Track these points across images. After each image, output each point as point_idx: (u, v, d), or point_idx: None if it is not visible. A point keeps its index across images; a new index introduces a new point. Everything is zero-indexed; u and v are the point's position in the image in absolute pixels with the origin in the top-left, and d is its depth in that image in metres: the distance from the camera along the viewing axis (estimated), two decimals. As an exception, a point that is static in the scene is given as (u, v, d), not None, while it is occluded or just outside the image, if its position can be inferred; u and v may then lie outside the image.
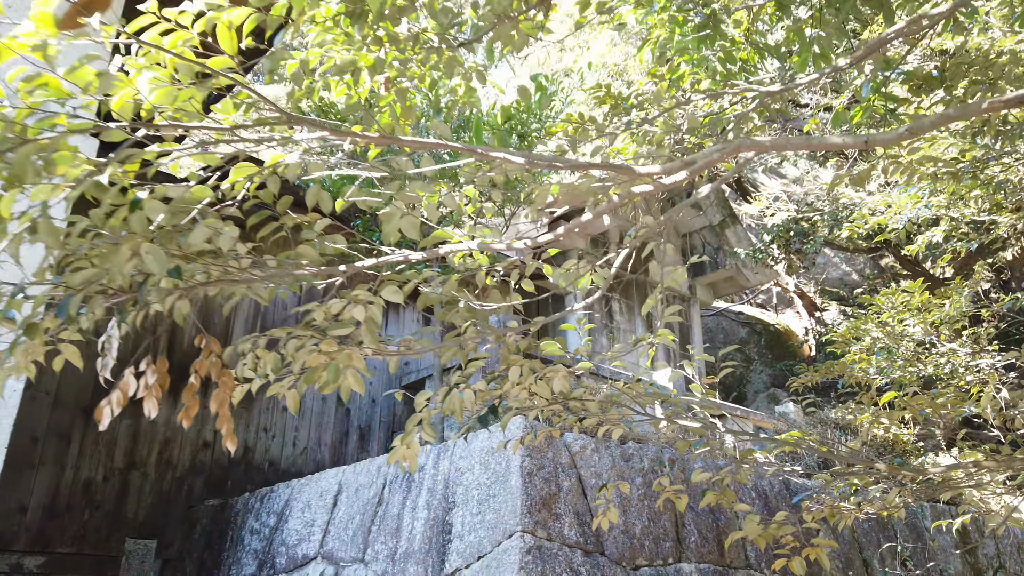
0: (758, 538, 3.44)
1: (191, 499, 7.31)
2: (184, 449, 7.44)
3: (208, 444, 7.61)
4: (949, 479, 3.33)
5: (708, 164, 1.84)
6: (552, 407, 3.14)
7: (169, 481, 7.26)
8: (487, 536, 4.04)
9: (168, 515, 7.15)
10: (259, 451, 7.94)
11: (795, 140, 1.85)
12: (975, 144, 4.30)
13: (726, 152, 1.82)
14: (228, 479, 7.58)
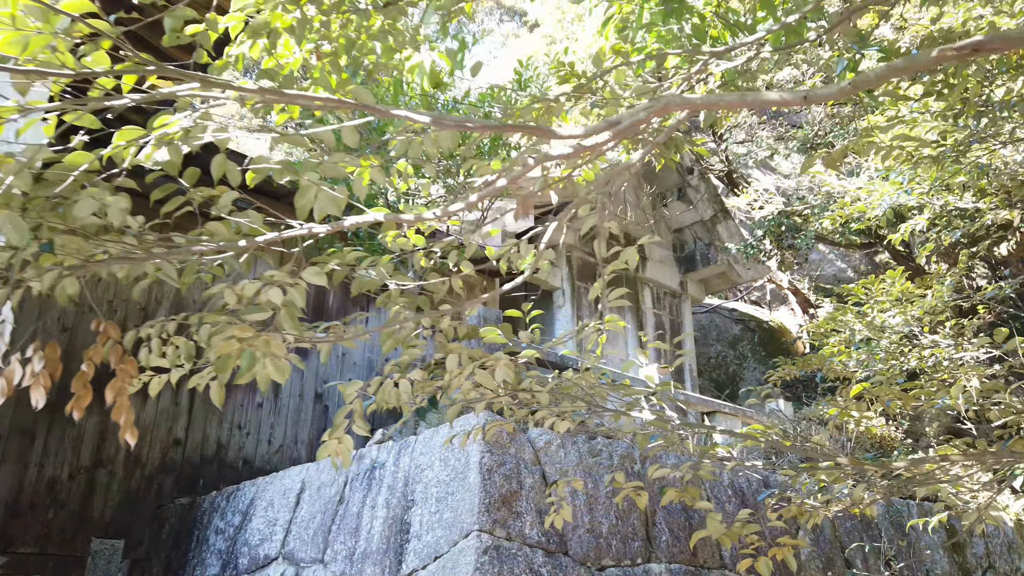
0: (723, 537, 3.26)
1: (161, 498, 7.13)
2: (154, 447, 7.26)
3: (179, 442, 7.43)
4: (922, 475, 3.15)
5: (634, 124, 1.66)
6: (498, 399, 2.97)
7: (138, 479, 7.08)
8: (444, 536, 3.86)
9: (136, 514, 6.97)
10: (232, 449, 7.76)
11: (728, 96, 1.70)
12: (956, 126, 4.12)
13: (653, 111, 1.65)
14: (200, 477, 7.40)
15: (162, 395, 7.44)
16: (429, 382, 2.76)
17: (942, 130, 3.87)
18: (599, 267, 2.87)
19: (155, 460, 7.23)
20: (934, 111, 4.25)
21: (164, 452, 7.30)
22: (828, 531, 5.55)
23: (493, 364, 2.57)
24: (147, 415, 7.29)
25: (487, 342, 2.63)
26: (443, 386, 2.73)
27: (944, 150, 4.14)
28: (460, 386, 2.74)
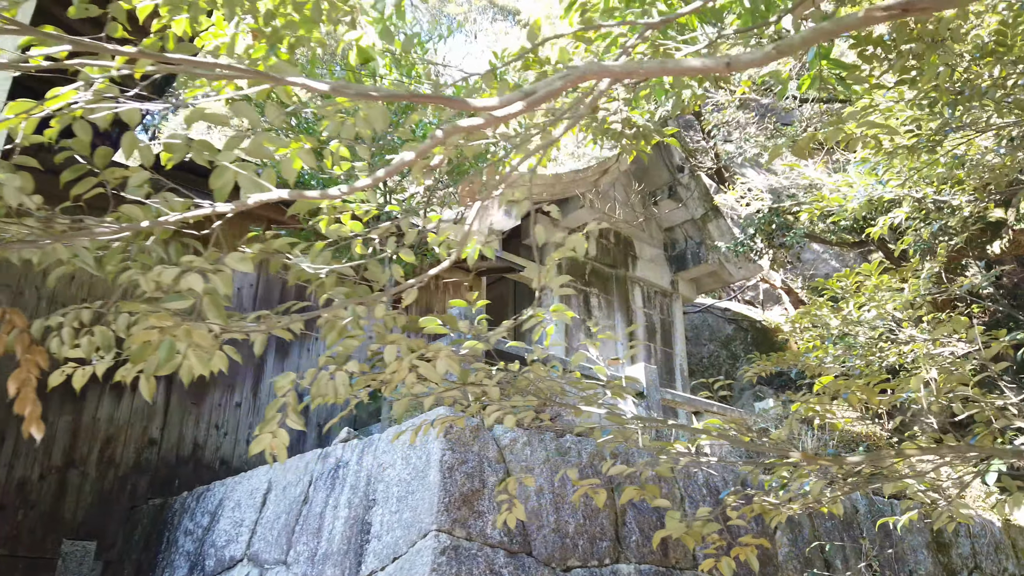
0: (685, 537, 3.15)
1: (135, 499, 7.02)
2: (128, 447, 7.15)
3: (154, 442, 7.32)
4: (889, 472, 3.04)
5: (550, 94, 1.56)
6: (447, 393, 2.86)
7: (111, 480, 6.97)
8: (403, 536, 3.75)
9: (109, 515, 6.86)
10: (210, 449, 7.65)
11: (648, 64, 1.60)
12: (932, 115, 4.01)
13: (570, 79, 1.54)
14: (175, 478, 7.28)
15: (137, 394, 7.33)
16: (373, 375, 2.66)
17: (915, 118, 3.77)
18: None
19: (129, 460, 7.12)
20: (909, 100, 4.15)
21: (139, 452, 7.19)
22: (807, 530, 5.45)
23: (432, 355, 2.46)
24: (121, 414, 7.18)
25: (428, 332, 2.52)
26: (385, 380, 2.62)
27: (918, 140, 4.03)
28: (404, 379, 2.63)
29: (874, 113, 4.26)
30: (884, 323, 4.55)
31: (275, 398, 2.69)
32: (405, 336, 2.61)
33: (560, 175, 11.30)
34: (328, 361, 2.45)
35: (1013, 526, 7.70)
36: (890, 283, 4.36)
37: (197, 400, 7.71)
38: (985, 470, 2.98)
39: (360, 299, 2.22)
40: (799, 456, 2.51)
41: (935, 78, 3.42)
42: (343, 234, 2.42)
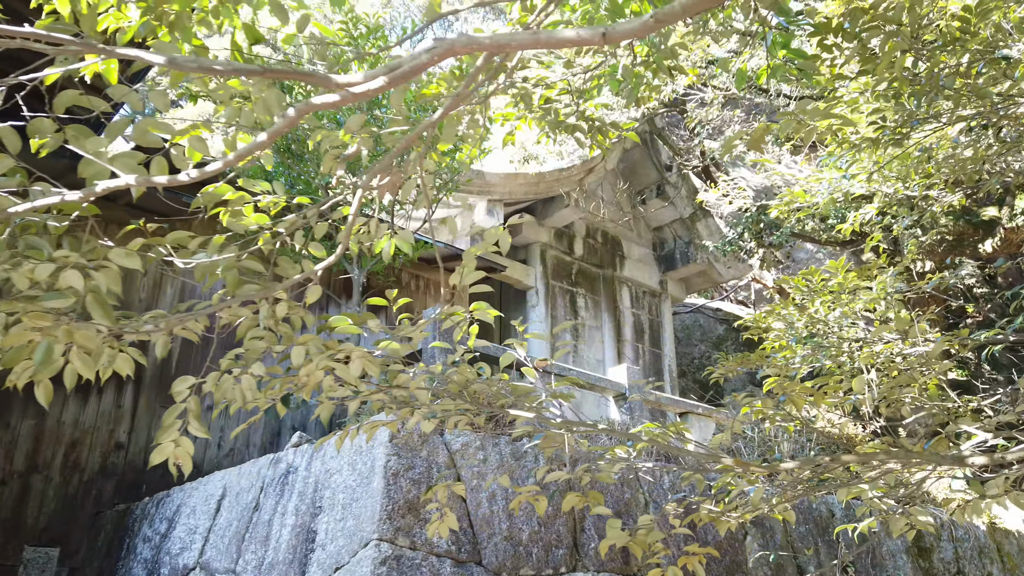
0: (631, 545, 3.01)
1: (100, 504, 6.88)
2: (94, 451, 7.01)
3: (121, 446, 7.18)
4: (842, 478, 2.89)
5: (416, 69, 1.42)
6: (375, 396, 2.72)
7: (76, 485, 6.83)
8: (346, 545, 3.61)
9: (73, 521, 6.72)
10: (179, 453, 7.50)
11: (520, 36, 1.47)
12: (897, 106, 3.87)
13: (436, 53, 1.41)
14: (143, 483, 7.14)
15: (104, 397, 7.20)
16: (288, 377, 2.52)
17: (879, 109, 3.62)
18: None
19: (95, 465, 6.98)
20: (873, 91, 4.00)
21: (105, 456, 7.05)
22: (779, 535, 5.30)
23: (343, 355, 2.32)
24: (87, 418, 7.04)
25: (338, 332, 2.38)
26: (300, 383, 2.48)
27: (883, 132, 3.89)
28: (320, 382, 2.50)
29: (839, 106, 4.12)
30: (851, 322, 4.41)
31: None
32: (320, 337, 2.47)
33: (543, 174, 11.16)
34: (231, 364, 2.30)
35: (998, 529, 7.55)
36: (857, 281, 4.21)
37: (167, 403, 7.56)
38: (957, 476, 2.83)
39: (261, 294, 2.08)
40: (731, 461, 2.37)
41: (892, 66, 3.28)
42: (246, 227, 2.28)
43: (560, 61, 3.71)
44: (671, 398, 10.41)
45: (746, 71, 3.63)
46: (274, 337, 2.33)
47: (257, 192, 2.28)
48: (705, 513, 2.92)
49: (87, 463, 6.94)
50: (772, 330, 4.24)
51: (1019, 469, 2.80)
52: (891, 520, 3.01)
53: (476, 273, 2.27)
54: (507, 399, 2.67)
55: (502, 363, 2.60)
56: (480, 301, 2.39)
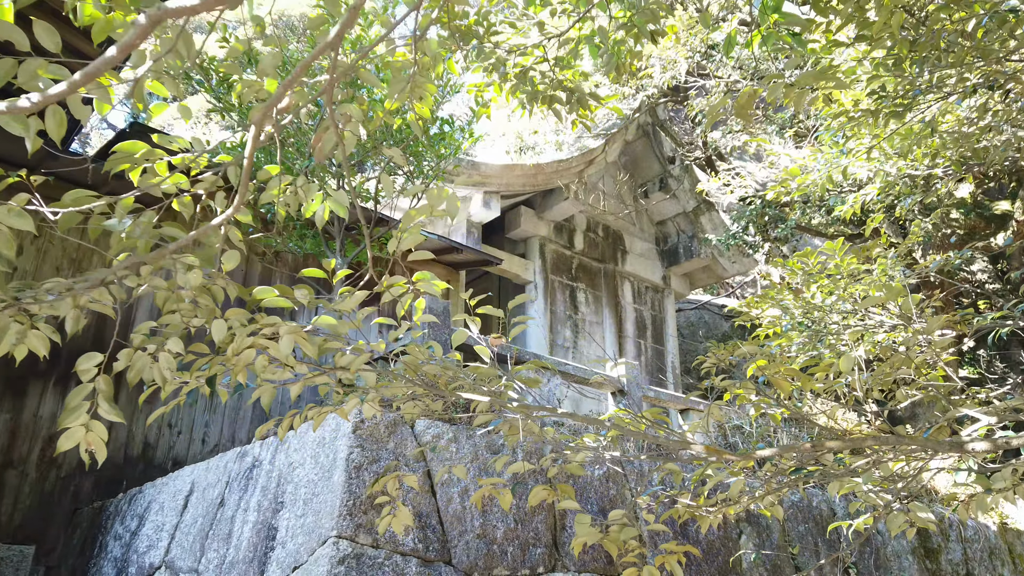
0: (606, 543, 2.77)
1: (78, 501, 6.68)
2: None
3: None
4: (835, 471, 2.64)
5: (126, 48, 1.20)
6: (318, 379, 2.49)
7: (52, 481, 6.63)
8: (305, 543, 3.38)
9: (50, 518, 6.53)
10: (162, 448, 7.31)
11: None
12: (897, 73, 3.60)
13: (147, 24, 1.18)
14: (123, 479, 6.94)
15: (83, 391, 7.00)
16: (215, 356, 2.28)
17: (875, 75, 3.36)
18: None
19: (73, 460, 6.78)
20: (872, 59, 3.74)
21: (84, 452, 6.84)
22: (776, 534, 5.04)
23: (269, 331, 2.09)
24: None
25: (265, 306, 2.14)
26: (229, 362, 2.25)
27: (883, 103, 3.62)
28: (251, 362, 2.26)
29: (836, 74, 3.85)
30: (852, 309, 4.14)
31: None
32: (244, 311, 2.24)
33: (541, 165, 10.90)
34: (144, 341, 2.07)
35: (1010, 529, 7.26)
36: (856, 264, 3.95)
37: (149, 397, 7.36)
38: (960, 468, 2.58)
39: (154, 256, 1.85)
40: (703, 449, 2.13)
41: (887, 27, 3.02)
42: (165, 188, 2.05)
43: (531, 21, 3.47)
44: (671, 394, 10.12)
45: (735, 36, 3.37)
46: (192, 310, 2.09)
47: (175, 150, 2.06)
48: (683, 508, 2.67)
49: (65, 458, 6.74)
50: (765, 316, 3.98)
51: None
52: (889, 517, 2.76)
53: (415, 237, 2.03)
54: (463, 382, 2.43)
55: (453, 342, 2.36)
56: (424, 273, 2.15)
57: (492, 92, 3.80)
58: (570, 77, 3.78)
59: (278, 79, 2.13)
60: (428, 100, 2.43)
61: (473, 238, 10.63)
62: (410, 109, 2.45)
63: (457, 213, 2.13)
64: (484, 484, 2.74)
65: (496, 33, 3.59)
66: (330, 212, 2.27)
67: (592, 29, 3.43)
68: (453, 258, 9.97)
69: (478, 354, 2.61)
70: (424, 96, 2.44)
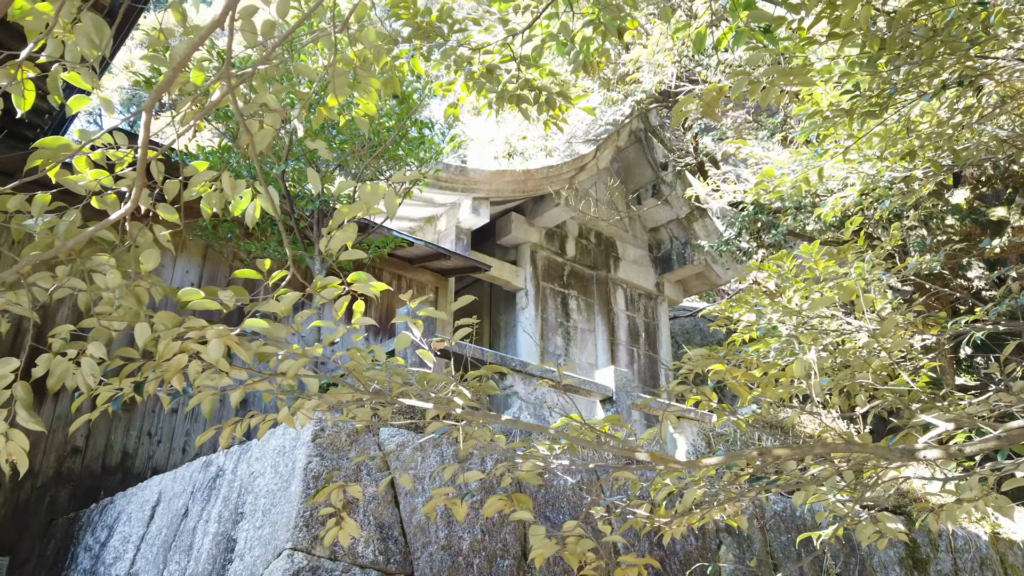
0: (565, 555, 2.67)
1: (54, 511, 6.57)
2: (48, 455, 6.71)
3: (78, 450, 6.88)
4: (800, 480, 2.54)
5: None
6: (259, 385, 2.40)
7: (28, 491, 6.53)
8: (261, 555, 3.28)
9: (25, 529, 6.42)
10: (141, 458, 7.21)
11: None
12: (872, 71, 3.51)
13: None
14: (101, 489, 6.84)
15: (60, 399, 6.92)
16: (144, 361, 2.19)
17: (844, 73, 3.27)
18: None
19: (49, 470, 6.68)
20: (847, 58, 3.66)
21: (60, 461, 6.75)
22: (758, 545, 4.93)
23: (196, 333, 2.00)
24: (42, 419, 6.74)
25: (190, 308, 2.05)
26: (160, 368, 2.16)
27: (857, 102, 3.54)
28: (182, 366, 2.17)
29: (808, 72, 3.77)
30: (831, 313, 4.05)
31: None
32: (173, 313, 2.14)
33: (531, 171, 10.83)
34: (64, 346, 1.98)
35: (1002, 539, 7.13)
36: (835, 268, 3.85)
37: (127, 406, 7.27)
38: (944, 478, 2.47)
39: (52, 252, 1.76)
40: (647, 456, 2.04)
41: (855, 20, 2.94)
42: (87, 185, 1.96)
43: (494, 18, 3.39)
44: (661, 401, 10.02)
45: (705, 34, 3.29)
46: (116, 312, 2.00)
47: (99, 145, 1.97)
48: (643, 518, 2.57)
49: (41, 468, 6.65)
50: (741, 321, 3.89)
51: (1011, 467, 2.45)
52: (858, 528, 2.66)
53: (349, 235, 1.94)
54: (408, 388, 2.33)
55: (396, 346, 2.27)
56: (360, 274, 2.06)
57: (460, 92, 3.72)
58: (538, 76, 3.70)
59: (207, 71, 2.05)
60: (372, 95, 2.35)
61: (462, 244, 10.54)
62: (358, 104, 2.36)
63: (396, 211, 2.05)
64: (435, 494, 2.64)
65: (462, 30, 3.52)
66: (305, 217, 2.20)
67: (558, 25, 3.36)
68: (440, 264, 9.88)
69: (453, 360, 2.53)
70: (368, 91, 2.35)
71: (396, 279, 9.94)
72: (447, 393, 2.35)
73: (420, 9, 3.37)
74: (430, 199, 10.40)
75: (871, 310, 4.09)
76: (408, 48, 3.46)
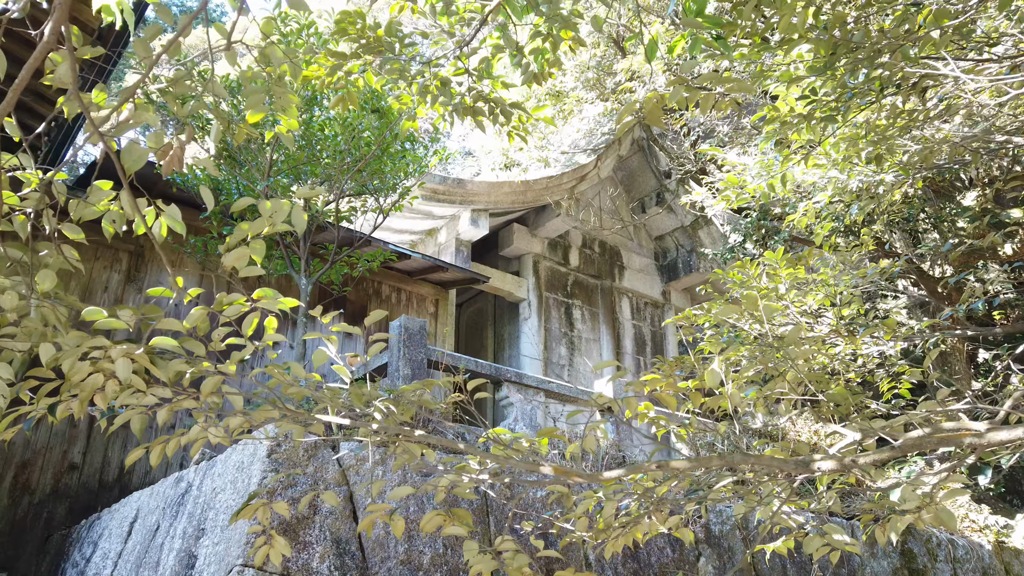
0: (509, 571, 2.64)
1: (51, 527, 6.65)
2: (46, 472, 6.80)
3: (75, 467, 6.96)
4: (729, 489, 2.50)
5: None
6: (184, 404, 2.42)
7: (25, 507, 6.62)
8: (216, 572, 3.29)
9: (22, 545, 6.50)
10: (138, 474, 7.27)
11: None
12: (831, 76, 3.47)
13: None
14: (98, 504, 6.90)
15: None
16: (61, 381, 2.20)
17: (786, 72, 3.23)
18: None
19: (46, 486, 6.76)
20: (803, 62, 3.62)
21: (57, 478, 6.84)
22: (739, 556, 4.85)
23: (99, 352, 2.01)
24: (39, 438, 6.84)
25: (96, 328, 2.07)
26: (74, 388, 2.18)
27: (814, 106, 3.49)
28: (99, 385, 2.19)
29: (768, 78, 3.74)
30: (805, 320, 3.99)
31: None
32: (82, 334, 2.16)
33: (530, 182, 10.83)
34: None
35: (1007, 549, 6.97)
36: (802, 275, 3.80)
37: (125, 423, 7.34)
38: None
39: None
40: (550, 469, 2.01)
41: (794, 25, 2.91)
42: None
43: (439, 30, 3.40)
44: (663, 411, 9.91)
45: (657, 40, 3.27)
46: (29, 332, 2.02)
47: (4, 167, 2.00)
48: (576, 536, 2.54)
49: (38, 484, 6.73)
50: (708, 329, 3.84)
51: (946, 472, 2.38)
52: (806, 541, 2.61)
53: (244, 252, 1.94)
54: (332, 404, 2.33)
55: (314, 362, 2.27)
56: (266, 290, 2.06)
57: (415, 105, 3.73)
58: (493, 87, 3.71)
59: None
60: (292, 111, 2.36)
61: (462, 256, 10.55)
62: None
63: (304, 226, 2.04)
64: (374, 510, 2.63)
65: (411, 44, 3.53)
66: (290, 232, 2.21)
67: (506, 38, 3.36)
68: (440, 276, 9.90)
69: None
70: (287, 108, 2.36)
71: (396, 292, 9.97)
72: (370, 410, 2.34)
73: (368, 24, 3.39)
74: (429, 212, 10.43)
75: (840, 317, 4.03)
76: (359, 63, 3.48)
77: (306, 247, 6.21)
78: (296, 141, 5.72)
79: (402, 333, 7.06)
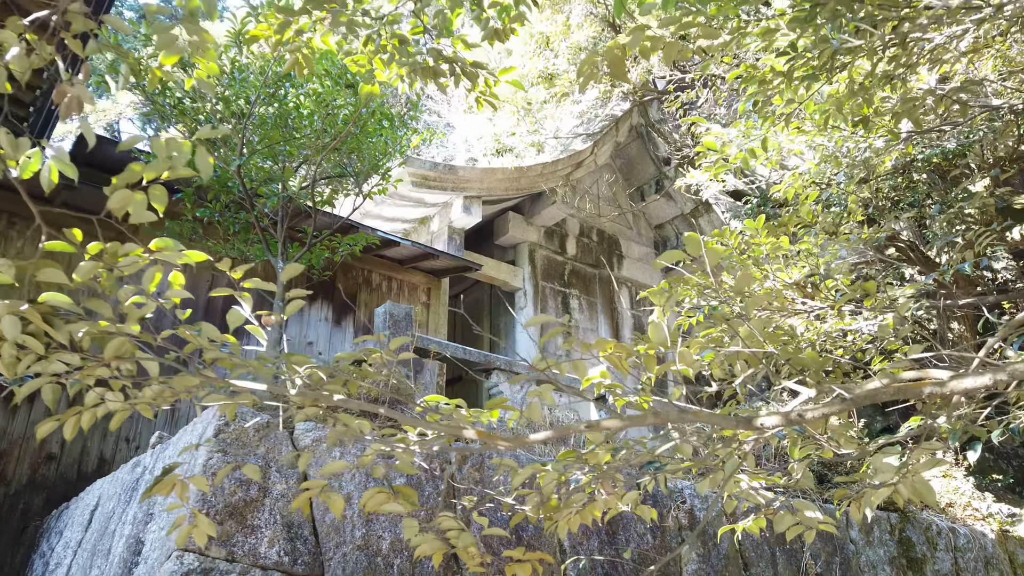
0: (462, 553, 2.46)
1: (28, 518, 6.50)
2: (22, 462, 6.66)
3: (53, 457, 6.82)
4: (669, 460, 2.30)
5: None
6: (97, 371, 2.24)
7: (1, 498, 6.48)
8: (159, 558, 3.12)
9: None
10: (118, 463, 7.11)
11: None
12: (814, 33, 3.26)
13: None
14: (75, 495, 6.75)
15: (34, 405, 6.87)
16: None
17: (769, 30, 3.02)
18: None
19: (23, 477, 6.62)
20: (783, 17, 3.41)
21: (34, 468, 6.69)
22: (726, 544, 4.65)
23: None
24: (15, 427, 6.70)
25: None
26: None
27: (794, 63, 3.28)
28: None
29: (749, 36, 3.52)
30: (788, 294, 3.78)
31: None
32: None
33: (524, 168, 10.62)
34: None
35: (1011, 537, 6.73)
36: (785, 245, 3.59)
37: (107, 413, 7.19)
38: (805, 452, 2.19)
39: None
40: (473, 434, 1.82)
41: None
42: None
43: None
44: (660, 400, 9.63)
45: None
46: None
47: None
48: (529, 512, 2.35)
49: (14, 475, 6.59)
50: (684, 303, 3.64)
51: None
52: (776, 519, 2.41)
53: (156, 197, 1.75)
54: (247, 370, 2.15)
55: (230, 323, 2.08)
56: (165, 240, 1.87)
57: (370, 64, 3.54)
58: (453, 47, 3.51)
59: None
60: (210, 53, 2.17)
61: (455, 244, 10.37)
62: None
63: (210, 172, 1.85)
64: (309, 487, 2.44)
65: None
66: (266, 214, 2.03)
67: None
68: (431, 264, 9.71)
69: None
70: (203, 48, 2.17)
71: (387, 280, 9.79)
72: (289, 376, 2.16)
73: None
74: (420, 199, 10.25)
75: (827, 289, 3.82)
76: (309, 21, 3.29)
77: (283, 230, 6.03)
78: (268, 120, 5.54)
79: (387, 320, 6.89)
